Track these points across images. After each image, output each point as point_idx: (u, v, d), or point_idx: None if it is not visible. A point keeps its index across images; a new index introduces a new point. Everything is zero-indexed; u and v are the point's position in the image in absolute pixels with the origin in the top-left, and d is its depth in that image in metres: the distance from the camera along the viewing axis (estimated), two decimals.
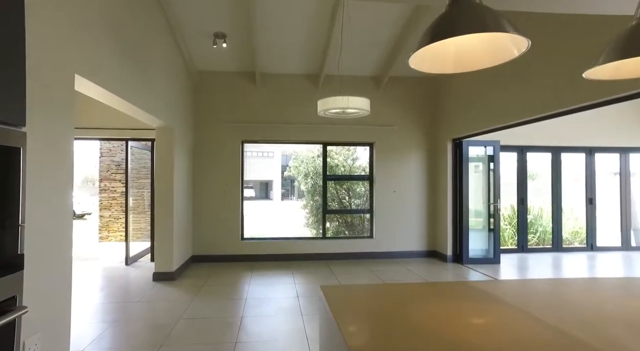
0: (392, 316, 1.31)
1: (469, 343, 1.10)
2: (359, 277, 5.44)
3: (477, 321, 1.30)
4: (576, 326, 1.21)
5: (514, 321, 1.26)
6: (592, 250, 7.31)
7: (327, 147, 6.94)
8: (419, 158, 6.88)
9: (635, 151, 7.52)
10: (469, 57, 1.41)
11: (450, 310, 1.39)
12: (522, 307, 1.39)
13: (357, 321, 1.28)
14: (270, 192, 33.44)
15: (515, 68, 4.78)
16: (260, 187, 33.18)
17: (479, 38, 1.35)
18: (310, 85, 6.62)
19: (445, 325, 1.24)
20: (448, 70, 1.45)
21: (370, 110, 4.40)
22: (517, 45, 1.28)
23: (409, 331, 1.17)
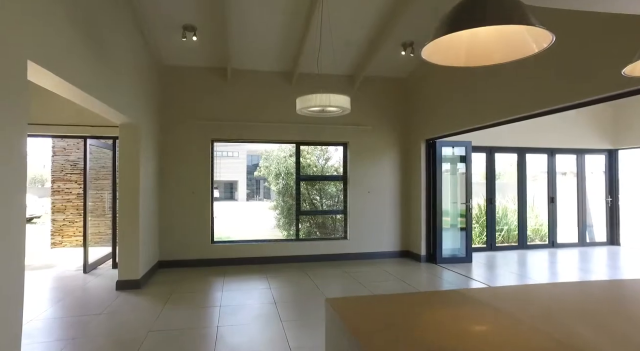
0: (411, 328, 1.19)
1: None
2: (335, 280, 5.33)
3: (494, 331, 1.21)
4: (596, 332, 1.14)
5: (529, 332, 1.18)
6: (554, 247, 7.64)
7: (300, 147, 6.79)
8: (393, 159, 6.89)
9: (590, 152, 7.95)
10: (482, 51, 1.33)
11: (465, 318, 1.29)
12: (531, 316, 1.32)
13: (379, 334, 1.15)
14: (235, 192, 32.78)
15: (486, 71, 4.87)
16: (225, 187, 32.44)
17: (495, 31, 1.27)
18: (283, 83, 6.44)
19: (471, 336, 1.14)
20: (459, 62, 1.36)
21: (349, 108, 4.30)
22: (537, 41, 1.20)
23: (435, 343, 1.06)
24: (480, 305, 1.42)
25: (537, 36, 1.22)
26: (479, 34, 1.31)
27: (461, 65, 1.35)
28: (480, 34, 1.30)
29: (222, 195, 31.39)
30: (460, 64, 1.35)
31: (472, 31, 1.28)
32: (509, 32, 1.24)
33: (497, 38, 1.28)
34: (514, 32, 1.26)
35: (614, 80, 3.27)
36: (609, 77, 3.31)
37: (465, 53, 1.33)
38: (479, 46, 1.30)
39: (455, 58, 1.35)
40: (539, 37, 1.21)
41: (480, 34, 1.31)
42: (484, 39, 1.29)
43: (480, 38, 1.30)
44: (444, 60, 1.37)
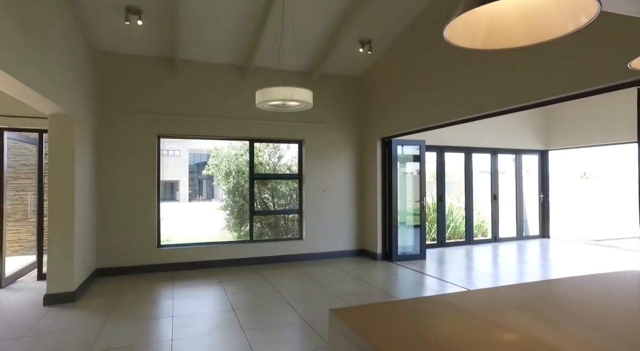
0: (428, 336, 1.06)
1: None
2: (293, 281, 5.14)
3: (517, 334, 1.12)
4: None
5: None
6: (496, 241, 8.10)
7: (254, 144, 6.49)
8: (349, 157, 6.84)
9: (526, 153, 8.55)
10: (503, 33, 1.22)
11: (477, 324, 1.18)
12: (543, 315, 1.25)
13: (399, 344, 1.00)
14: (177, 192, 31.15)
15: (441, 71, 4.99)
16: (166, 187, 30.69)
17: (520, 10, 1.17)
18: (236, 77, 6.11)
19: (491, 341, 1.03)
20: (477, 45, 1.25)
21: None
22: (574, 16, 1.07)
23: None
24: (487, 310, 1.32)
25: (574, 10, 1.05)
26: (498, 14, 1.19)
27: (478, 47, 1.24)
28: (499, 14, 1.18)
29: (162, 196, 29.65)
30: (478, 46, 1.24)
31: (490, 11, 1.16)
32: (534, 10, 1.13)
33: (522, 18, 1.16)
34: (542, 8, 1.12)
35: (564, 82, 3.44)
36: (556, 81, 3.49)
37: (484, 35, 1.21)
38: (499, 26, 1.20)
39: (472, 40, 1.23)
40: (577, 11, 1.04)
41: (500, 14, 1.19)
42: (505, 20, 1.19)
43: (501, 18, 1.19)
44: (462, 41, 1.24)
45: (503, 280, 5.25)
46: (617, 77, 3.03)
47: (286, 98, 3.74)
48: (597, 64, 3.16)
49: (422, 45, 5.39)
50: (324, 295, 4.48)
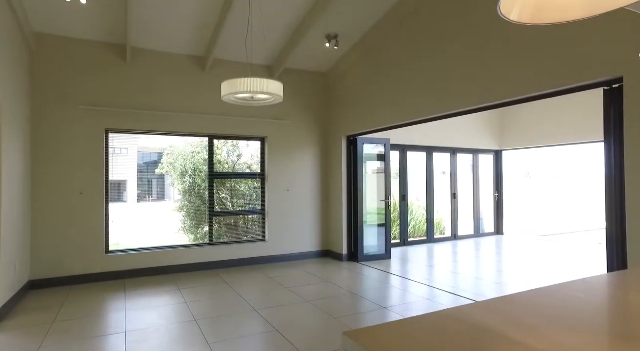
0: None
1: None
2: (258, 286, 4.86)
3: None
4: None
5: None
6: (455, 239, 8.30)
7: (213, 141, 6.11)
8: (314, 155, 6.66)
9: (483, 152, 8.86)
10: (555, 6, 1.07)
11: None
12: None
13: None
14: (124, 193, 29.30)
15: (406, 70, 4.97)
16: (112, 187, 28.73)
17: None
18: (196, 69, 5.70)
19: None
20: (524, 19, 1.09)
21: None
22: None
23: None
24: (515, 327, 1.18)
25: None
26: None
27: (524, 21, 1.09)
28: None
29: (110, 197, 27.71)
30: (525, 21, 1.08)
31: None
32: None
33: None
34: None
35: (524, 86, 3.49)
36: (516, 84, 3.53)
37: (533, 5, 1.05)
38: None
39: (518, 13, 1.07)
40: None
41: None
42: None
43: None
44: (507, 13, 1.08)
45: (467, 276, 5.32)
46: (583, 78, 3.10)
47: (256, 90, 3.47)
48: (563, 65, 3.21)
49: (389, 43, 5.33)
50: (292, 300, 4.25)
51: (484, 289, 4.67)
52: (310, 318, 3.72)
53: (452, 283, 4.99)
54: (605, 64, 2.92)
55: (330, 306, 4.05)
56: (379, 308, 3.97)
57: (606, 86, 3.05)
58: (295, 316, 3.77)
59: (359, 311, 3.93)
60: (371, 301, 4.26)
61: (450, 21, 4.38)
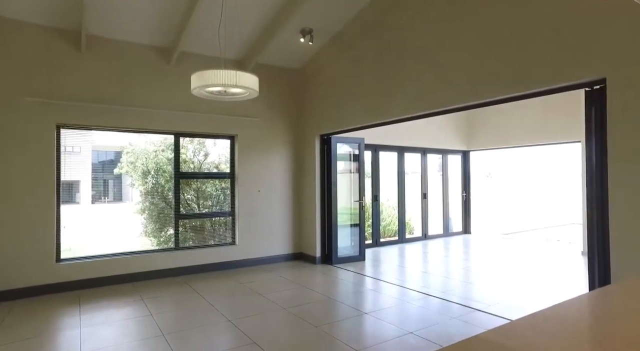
0: None
1: None
2: (230, 293, 4.57)
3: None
4: None
5: None
6: (426, 239, 8.35)
7: (179, 139, 5.73)
8: (286, 154, 6.42)
9: (451, 153, 8.99)
10: None
11: None
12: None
13: None
14: (77, 194, 27.54)
15: (381, 67, 4.88)
16: (63, 188, 26.89)
17: None
18: (160, 62, 5.30)
19: None
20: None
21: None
22: None
23: None
24: None
25: None
26: None
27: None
28: None
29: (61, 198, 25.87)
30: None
31: None
32: None
33: None
34: None
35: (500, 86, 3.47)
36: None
37: None
38: None
39: None
40: None
41: None
42: None
43: None
44: None
45: (444, 277, 5.30)
46: (564, 79, 3.10)
47: (229, 83, 3.20)
48: (544, 66, 3.20)
49: (365, 40, 5.20)
50: (268, 308, 4.01)
51: (462, 290, 4.65)
52: (289, 327, 3.50)
53: (431, 284, 4.94)
54: (588, 65, 2.92)
55: (309, 313, 3.85)
56: (359, 314, 3.81)
57: (587, 87, 3.06)
58: (273, 325, 3.54)
59: (339, 317, 3.76)
60: (350, 306, 4.10)
61: (427, 20, 4.31)
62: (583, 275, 5.38)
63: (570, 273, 5.46)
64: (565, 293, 4.43)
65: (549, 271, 5.53)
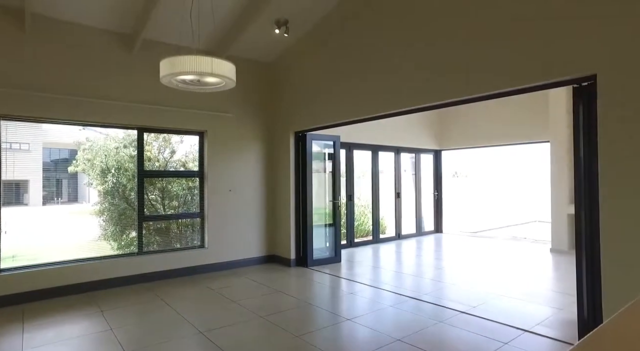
0: None
1: None
2: (200, 301, 4.22)
3: None
4: None
5: None
6: (399, 238, 8.30)
7: (143, 134, 5.29)
8: (259, 152, 6.12)
9: (424, 152, 9.00)
10: None
11: None
12: None
13: None
14: (25, 195, 25.59)
15: (359, 62, 4.73)
16: (7, 188, 24.86)
17: None
18: (120, 49, 4.85)
19: None
20: None
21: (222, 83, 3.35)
22: None
23: None
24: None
25: None
26: None
27: None
28: None
29: (3, 200, 23.91)
30: None
31: None
32: None
33: None
34: None
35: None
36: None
37: None
38: None
39: None
40: None
41: None
42: None
43: None
44: None
45: (423, 278, 5.21)
46: (552, 75, 3.03)
47: (204, 71, 2.89)
48: (529, 61, 3.12)
49: (343, 33, 5.01)
50: (243, 316, 3.71)
51: (443, 292, 4.56)
52: (268, 338, 3.23)
53: (410, 286, 4.82)
54: (577, 61, 2.86)
55: (288, 321, 3.59)
56: (342, 321, 3.60)
57: (575, 84, 3.01)
58: (250, 337, 3.26)
59: (320, 325, 3.53)
60: (331, 312, 3.88)
61: (406, 15, 4.17)
62: (558, 272, 5.47)
63: (546, 271, 5.53)
64: (545, 292, 4.45)
65: (524, 269, 5.58)
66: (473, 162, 14.70)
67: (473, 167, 15.04)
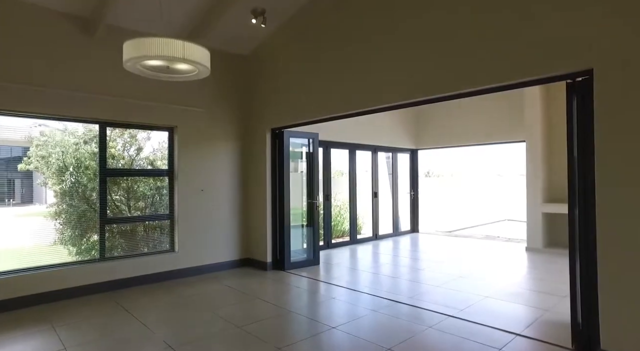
0: None
1: None
2: (171, 311, 3.87)
3: None
4: None
5: None
6: (377, 239, 8.16)
7: (106, 129, 4.85)
8: (234, 149, 5.78)
9: (401, 151, 8.92)
10: None
11: None
12: None
13: None
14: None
15: (336, 57, 4.54)
16: None
17: None
18: (80, 34, 4.40)
19: None
20: None
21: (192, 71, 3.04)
22: None
23: None
24: None
25: None
26: None
27: None
28: None
29: None
30: None
31: None
32: None
33: None
34: None
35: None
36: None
37: None
38: None
39: None
40: None
41: None
42: None
43: None
44: None
45: (405, 280, 5.06)
46: (545, 70, 2.93)
47: (175, 56, 2.57)
48: (521, 55, 3.01)
49: (323, 25, 4.78)
50: (219, 327, 3.40)
51: (428, 295, 4.41)
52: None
53: (394, 289, 4.64)
54: (572, 55, 2.76)
55: (268, 331, 3.32)
56: (327, 329, 3.37)
57: (569, 79, 2.92)
58: (227, 350, 2.96)
59: (304, 335, 3.28)
60: (314, 319, 3.64)
61: (387, 8, 4.00)
62: (537, 271, 5.44)
63: (525, 271, 5.53)
64: (528, 293, 4.40)
65: (504, 269, 5.55)
66: (444, 161, 14.89)
67: (444, 166, 15.24)
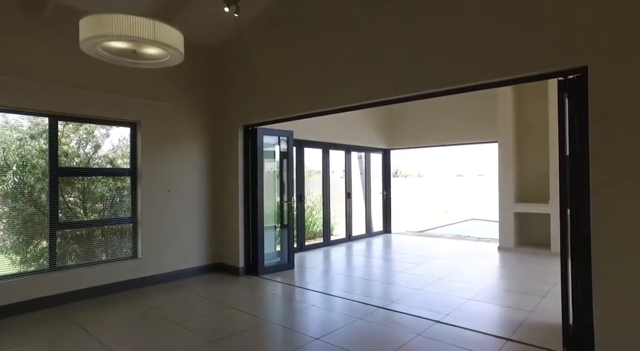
0: None
1: None
2: (136, 328, 3.47)
3: None
4: None
5: None
6: (350, 240, 8.00)
7: (57, 124, 4.34)
8: (203, 147, 5.40)
9: (374, 151, 8.82)
10: None
11: None
12: None
13: None
14: None
15: (313, 50, 4.34)
16: None
17: None
18: (25, 14, 3.88)
19: None
20: None
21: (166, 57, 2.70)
22: None
23: None
24: None
25: None
26: None
27: None
28: None
29: None
30: None
31: None
32: None
33: None
34: None
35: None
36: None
37: None
38: None
39: None
40: None
41: None
42: None
43: None
44: None
45: (382, 282, 4.90)
46: (537, 67, 2.85)
47: (144, 38, 2.22)
48: (512, 52, 2.92)
49: (300, 16, 4.53)
50: (189, 343, 3.06)
51: (410, 299, 4.26)
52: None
53: (374, 293, 4.47)
54: (565, 52, 2.69)
55: (245, 346, 3.02)
56: (310, 341, 3.12)
57: (561, 76, 2.85)
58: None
59: (287, 349, 3.01)
60: (295, 330, 3.38)
61: (377, 4, 3.82)
62: (512, 270, 5.46)
63: (500, 270, 5.55)
64: (508, 293, 4.37)
65: (480, 269, 5.54)
66: (412, 161, 15.07)
67: (412, 166, 15.44)
